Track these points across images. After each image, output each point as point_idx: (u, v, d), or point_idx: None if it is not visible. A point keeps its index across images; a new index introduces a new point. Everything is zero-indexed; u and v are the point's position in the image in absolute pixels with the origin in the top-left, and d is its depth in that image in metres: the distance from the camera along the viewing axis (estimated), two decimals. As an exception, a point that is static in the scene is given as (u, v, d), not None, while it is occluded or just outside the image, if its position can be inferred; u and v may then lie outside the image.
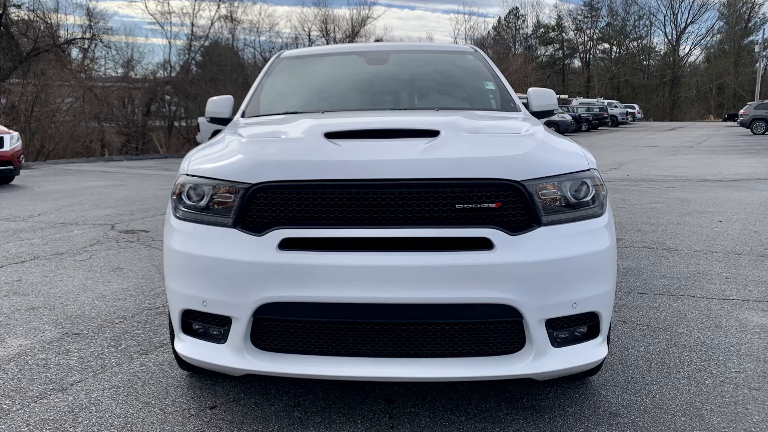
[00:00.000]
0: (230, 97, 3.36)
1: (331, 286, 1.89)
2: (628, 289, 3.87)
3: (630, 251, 4.90)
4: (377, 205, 1.91)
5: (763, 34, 49.99)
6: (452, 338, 1.96)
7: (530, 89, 3.33)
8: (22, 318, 3.39)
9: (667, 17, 66.23)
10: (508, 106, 3.19)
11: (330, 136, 2.16)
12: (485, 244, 1.91)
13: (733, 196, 7.97)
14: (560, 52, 68.84)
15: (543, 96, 3.27)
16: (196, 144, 17.66)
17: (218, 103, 3.32)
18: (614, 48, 67.60)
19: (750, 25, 60.87)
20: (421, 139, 2.10)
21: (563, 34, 68.21)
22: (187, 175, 2.18)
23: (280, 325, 2.00)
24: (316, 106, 3.20)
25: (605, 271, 2.07)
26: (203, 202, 2.09)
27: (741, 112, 28.64)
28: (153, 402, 2.39)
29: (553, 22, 68.36)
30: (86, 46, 27.43)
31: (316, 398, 2.40)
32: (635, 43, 66.95)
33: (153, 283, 4.09)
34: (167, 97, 25.48)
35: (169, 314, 2.29)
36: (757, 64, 48.32)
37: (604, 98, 48.09)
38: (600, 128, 34.71)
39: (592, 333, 2.07)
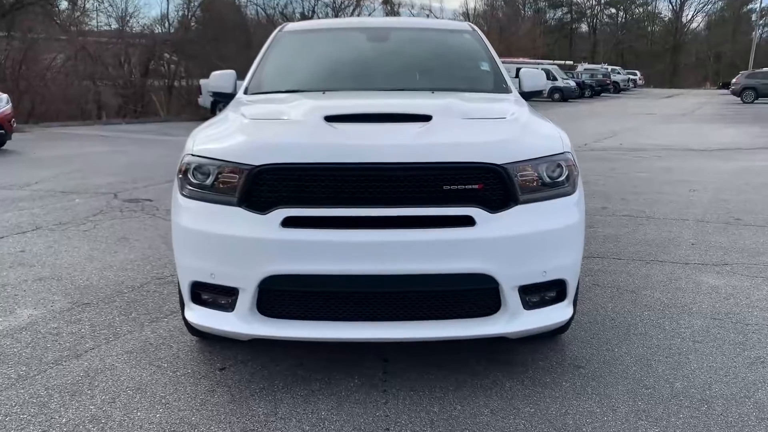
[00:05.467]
0: (233, 71, 3.45)
1: (330, 259, 2.09)
2: (605, 255, 4.14)
3: (612, 219, 5.14)
4: (372, 187, 2.10)
5: (761, 2, 49.49)
6: (437, 304, 2.20)
7: (522, 70, 3.56)
8: (30, 289, 3.42)
9: (672, -18, 65.03)
10: (500, 87, 3.35)
11: (329, 119, 2.31)
12: (468, 221, 2.12)
13: (711, 166, 8.24)
14: (569, 15, 67.75)
15: (534, 77, 3.50)
16: (198, 107, 16.47)
17: (221, 78, 3.42)
18: (620, 13, 66.66)
19: (751, -9, 60.07)
20: (415, 124, 2.27)
21: (572, -3, 66.73)
22: (192, 155, 2.31)
23: (283, 294, 2.20)
24: (317, 84, 3.28)
25: (573, 243, 2.31)
26: (208, 182, 2.23)
27: (733, 81, 28.70)
28: (165, 366, 2.54)
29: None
30: (75, -4, 24.96)
31: (318, 358, 2.60)
32: (641, 9, 66.04)
33: (159, 253, 4.13)
34: (166, 56, 23.31)
35: (178, 284, 2.45)
36: (754, 33, 48.05)
37: (609, 64, 47.35)
38: (602, 95, 34.41)
39: (560, 297, 2.33)
